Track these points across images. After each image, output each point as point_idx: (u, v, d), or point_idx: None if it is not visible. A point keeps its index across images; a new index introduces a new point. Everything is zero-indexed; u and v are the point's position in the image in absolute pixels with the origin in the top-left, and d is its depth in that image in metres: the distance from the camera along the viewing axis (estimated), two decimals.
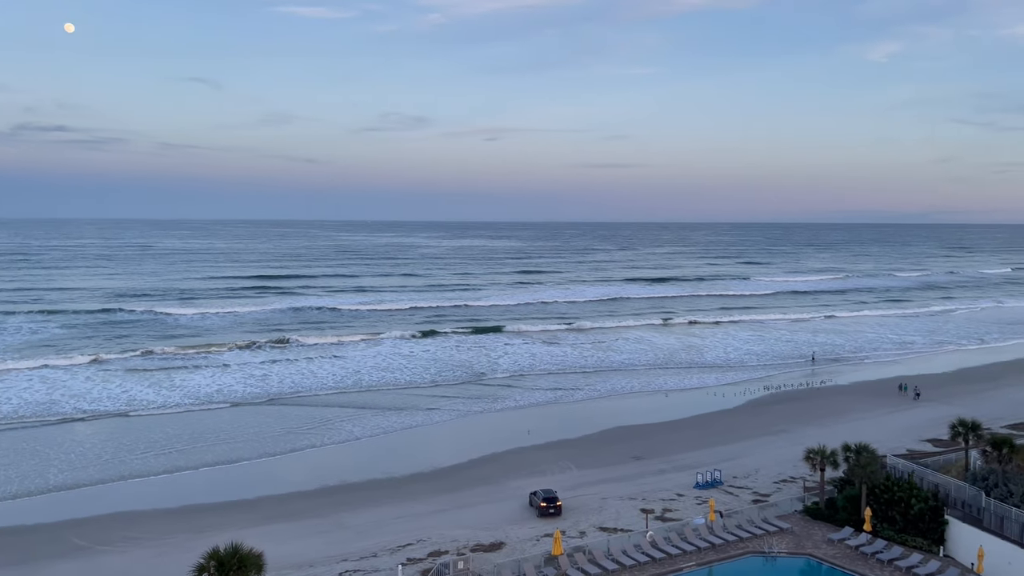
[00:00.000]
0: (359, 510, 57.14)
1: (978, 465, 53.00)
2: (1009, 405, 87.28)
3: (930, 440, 72.83)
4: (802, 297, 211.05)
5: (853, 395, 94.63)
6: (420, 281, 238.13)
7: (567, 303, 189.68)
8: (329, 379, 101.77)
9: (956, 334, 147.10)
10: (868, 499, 50.79)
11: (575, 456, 70.10)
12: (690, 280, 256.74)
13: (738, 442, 74.35)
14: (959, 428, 54.78)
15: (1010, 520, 44.68)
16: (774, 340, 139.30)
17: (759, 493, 59.96)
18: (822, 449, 53.51)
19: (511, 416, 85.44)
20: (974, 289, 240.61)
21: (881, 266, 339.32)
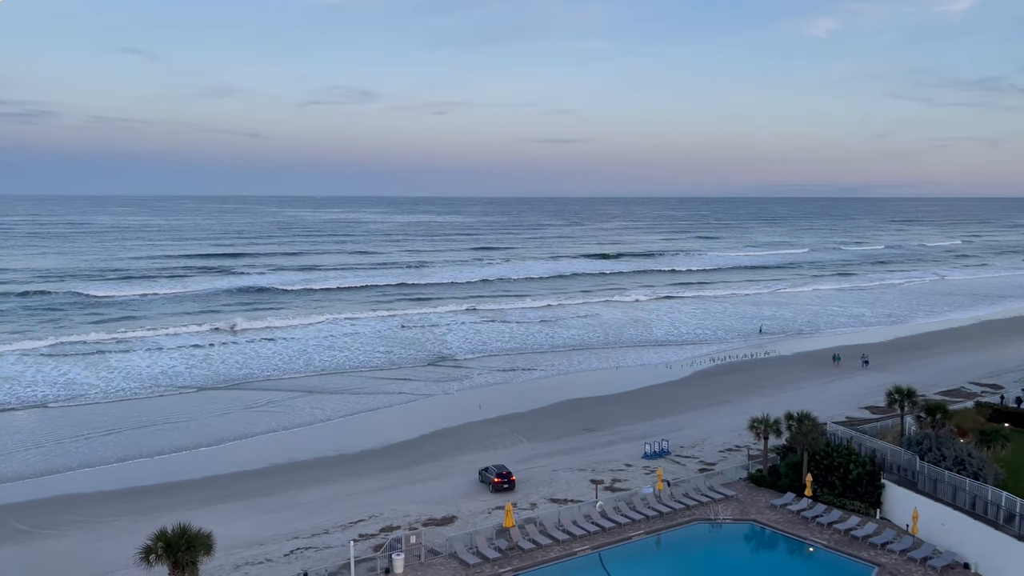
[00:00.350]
0: (309, 488, 56.92)
1: (913, 431, 55.22)
2: (943, 373, 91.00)
3: (868, 407, 75.58)
4: (749, 272, 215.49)
5: (796, 365, 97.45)
6: (368, 259, 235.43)
7: (518, 280, 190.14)
8: (275, 360, 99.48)
9: (897, 306, 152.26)
10: (809, 465, 52.59)
11: (526, 430, 70.89)
12: (638, 255, 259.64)
13: (685, 413, 76.07)
14: (895, 395, 56.93)
15: (943, 483, 46.74)
16: (721, 314, 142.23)
17: (705, 462, 61.56)
18: (766, 418, 55.15)
19: (462, 393, 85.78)
20: (916, 262, 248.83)
21: (825, 240, 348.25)
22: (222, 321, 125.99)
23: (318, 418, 74.96)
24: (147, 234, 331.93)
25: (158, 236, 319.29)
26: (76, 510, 53.05)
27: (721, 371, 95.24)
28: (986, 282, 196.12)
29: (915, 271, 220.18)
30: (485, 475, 57.32)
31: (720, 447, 65.39)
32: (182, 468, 61.63)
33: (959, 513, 44.39)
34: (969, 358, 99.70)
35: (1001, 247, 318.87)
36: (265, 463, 62.74)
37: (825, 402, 76.46)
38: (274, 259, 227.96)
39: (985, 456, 46.83)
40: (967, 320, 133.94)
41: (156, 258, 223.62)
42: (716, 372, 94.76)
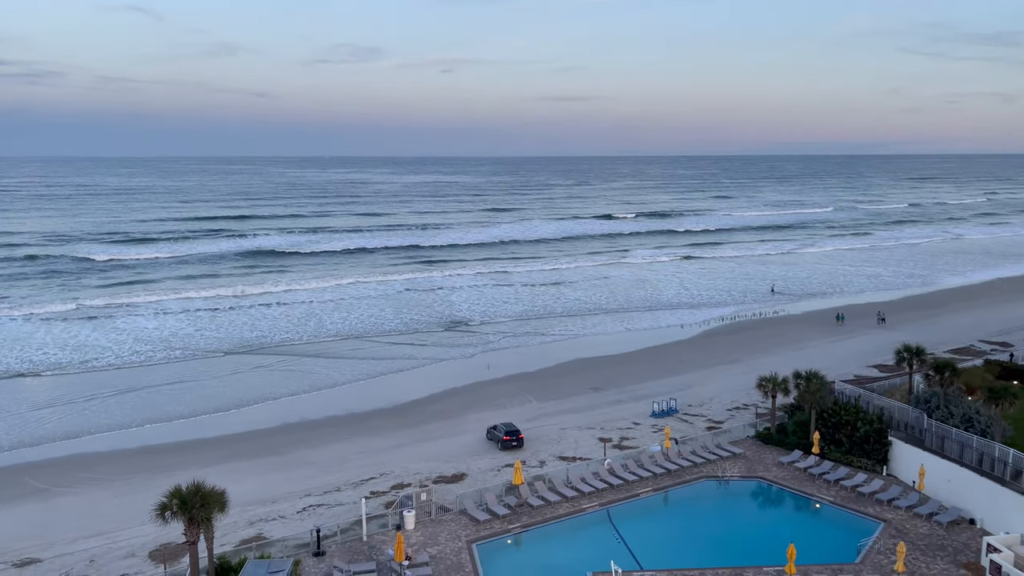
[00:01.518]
0: (320, 447, 57.81)
1: (921, 389, 55.50)
2: (953, 331, 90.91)
3: (876, 366, 75.76)
4: (760, 232, 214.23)
5: (806, 324, 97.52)
6: (375, 220, 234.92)
7: (527, 241, 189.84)
8: (284, 323, 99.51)
9: (911, 265, 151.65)
10: (817, 423, 53.02)
11: (534, 389, 71.52)
12: (648, 215, 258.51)
13: (693, 371, 76.50)
14: (904, 353, 57.10)
15: (950, 440, 47.11)
16: (732, 274, 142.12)
17: (713, 420, 62.12)
18: (774, 377, 55.44)
19: (472, 354, 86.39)
20: (932, 221, 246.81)
21: (838, 198, 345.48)
22: (229, 284, 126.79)
23: (327, 382, 75.32)
24: (153, 196, 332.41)
25: (164, 198, 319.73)
26: (91, 468, 54.11)
27: (730, 330, 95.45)
28: (1003, 240, 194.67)
29: (931, 229, 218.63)
30: (494, 433, 58.04)
31: (728, 405, 65.89)
32: (195, 428, 62.59)
33: (965, 470, 44.80)
34: (980, 316, 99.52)
35: (1021, 205, 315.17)
36: (277, 422, 63.63)
37: (834, 360, 76.66)
38: (281, 221, 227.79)
39: (993, 413, 47.10)
40: (982, 279, 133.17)
41: (162, 220, 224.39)
42: (725, 331, 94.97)
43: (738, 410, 64.49)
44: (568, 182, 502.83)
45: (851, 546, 40.88)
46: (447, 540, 41.74)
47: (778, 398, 56.47)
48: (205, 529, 34.56)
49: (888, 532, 42.07)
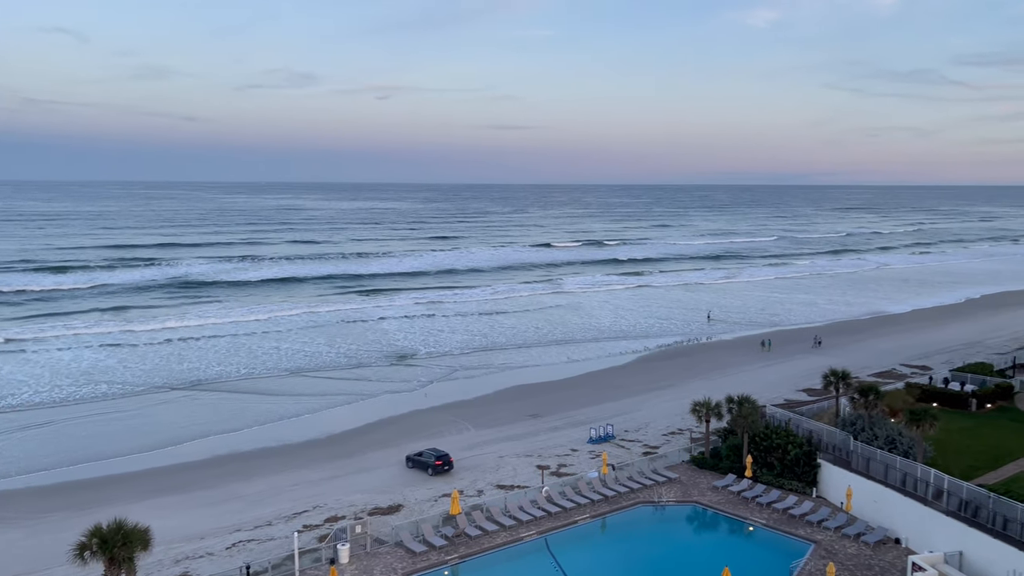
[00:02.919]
0: (252, 479, 56.31)
1: (847, 412, 57.36)
2: (875, 355, 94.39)
3: (805, 390, 78.02)
4: (694, 260, 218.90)
5: (738, 350, 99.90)
6: (309, 249, 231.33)
7: (463, 270, 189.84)
8: (211, 355, 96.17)
9: (837, 292, 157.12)
10: (749, 447, 54.22)
11: (472, 417, 71.27)
12: (585, 244, 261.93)
13: (630, 397, 77.44)
14: (831, 377, 59.00)
15: (875, 461, 48.76)
16: (669, 301, 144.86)
17: (649, 445, 62.89)
18: (707, 401, 56.57)
19: (408, 381, 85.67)
20: (857, 250, 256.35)
21: (768, 227, 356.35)
22: (153, 315, 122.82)
23: (259, 417, 72.67)
24: (73, 222, 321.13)
25: (85, 224, 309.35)
26: (5, 507, 51.48)
27: (666, 356, 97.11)
28: (928, 269, 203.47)
29: (861, 258, 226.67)
30: (419, 460, 57.55)
31: (664, 430, 66.83)
32: (117, 464, 60.22)
33: (890, 490, 46.38)
34: (901, 341, 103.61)
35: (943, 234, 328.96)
36: (206, 455, 61.79)
37: (765, 385, 78.65)
38: (209, 249, 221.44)
39: (915, 435, 48.94)
40: (906, 306, 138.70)
41: (82, 248, 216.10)
42: (660, 357, 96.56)
43: (673, 435, 65.46)
44: (506, 209, 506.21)
45: (783, 568, 41.81)
46: (382, 573, 41.06)
47: (712, 422, 57.60)
48: (127, 569, 33.21)
49: (818, 553, 43.14)
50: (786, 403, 69.99)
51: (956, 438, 54.84)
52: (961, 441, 54.49)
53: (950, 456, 50.82)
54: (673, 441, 63.60)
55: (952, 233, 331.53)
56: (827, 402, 63.63)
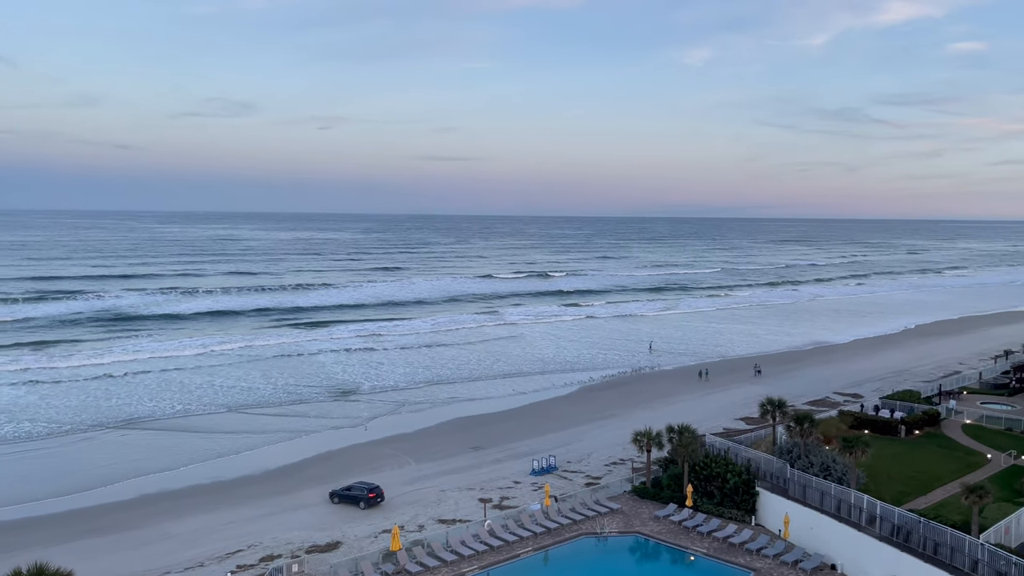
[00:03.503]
0: (184, 518, 54.45)
1: (784, 439, 58.60)
2: (810, 383, 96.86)
3: (743, 418, 79.52)
4: (636, 292, 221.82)
5: (678, 379, 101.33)
6: (246, 280, 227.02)
7: (404, 301, 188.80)
8: (142, 392, 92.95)
9: (773, 323, 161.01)
10: (690, 476, 54.85)
11: (414, 450, 70.45)
12: (527, 275, 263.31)
13: (572, 428, 77.67)
14: (767, 406, 60.33)
15: (811, 488, 49.85)
16: (611, 332, 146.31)
17: (591, 476, 63.06)
18: (648, 431, 57.15)
19: (347, 415, 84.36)
20: (791, 281, 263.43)
21: (706, 259, 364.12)
22: (79, 349, 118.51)
23: (191, 456, 70.76)
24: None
25: (6, 255, 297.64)
26: None
27: (608, 386, 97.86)
28: (862, 300, 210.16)
29: (797, 289, 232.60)
30: (346, 495, 56.67)
31: (606, 461, 67.13)
32: (42, 504, 57.58)
33: (826, 517, 47.42)
34: (835, 369, 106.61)
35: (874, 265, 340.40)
36: (135, 494, 59.57)
37: (705, 414, 79.91)
38: (141, 280, 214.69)
39: (848, 461, 50.25)
40: (843, 337, 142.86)
41: (2, 280, 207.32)
42: (603, 387, 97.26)
43: (615, 465, 65.80)
44: (448, 240, 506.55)
45: None
46: None
47: (653, 452, 58.13)
48: None
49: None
50: (725, 432, 71.14)
51: (887, 464, 56.49)
52: (892, 467, 56.14)
53: (882, 482, 52.28)
54: (615, 471, 63.91)
55: (882, 265, 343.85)
56: (764, 430, 64.89)
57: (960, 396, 78.92)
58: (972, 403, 75.14)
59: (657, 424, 59.51)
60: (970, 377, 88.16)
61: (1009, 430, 66.54)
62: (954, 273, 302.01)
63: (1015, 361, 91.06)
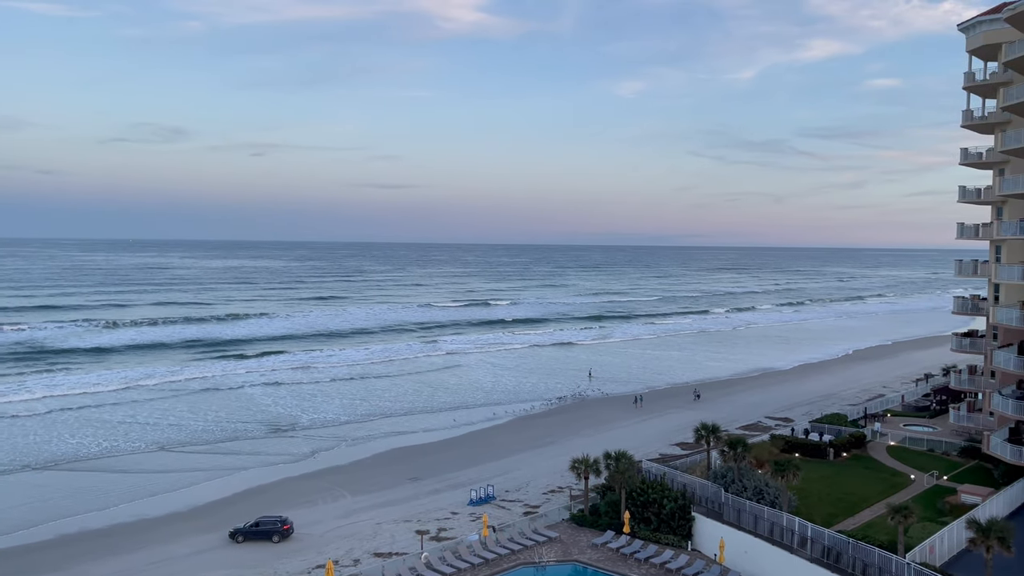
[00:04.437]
0: (105, 559, 52.20)
1: (718, 464, 59.64)
2: (744, 408, 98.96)
3: (679, 444, 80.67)
4: (577, 321, 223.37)
5: (615, 406, 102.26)
6: (175, 311, 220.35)
7: (341, 331, 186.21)
8: (61, 430, 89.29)
9: (706, 348, 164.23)
10: (627, 502, 55.23)
11: (348, 483, 69.22)
12: (467, 304, 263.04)
13: (510, 456, 77.52)
14: (702, 431, 61.38)
15: (745, 512, 50.76)
16: (550, 360, 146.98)
17: (530, 505, 62.94)
18: (586, 458, 57.42)
19: (277, 448, 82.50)
20: (727, 308, 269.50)
21: (642, 286, 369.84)
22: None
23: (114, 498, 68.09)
24: None
25: None
26: None
27: (546, 414, 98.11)
28: (796, 326, 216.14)
29: (731, 315, 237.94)
30: (255, 531, 55.13)
31: (544, 489, 67.12)
32: None
33: (759, 540, 48.30)
34: (766, 395, 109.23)
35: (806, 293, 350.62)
36: (51, 535, 56.91)
37: (641, 440, 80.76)
38: (57, 312, 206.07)
39: (780, 485, 51.41)
40: (781, 364, 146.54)
41: None
42: (541, 415, 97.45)
43: (554, 493, 65.84)
44: (384, 268, 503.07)
45: None
46: None
47: (591, 479, 58.40)
48: None
49: None
50: (661, 457, 72.01)
51: (817, 486, 58.00)
52: (822, 489, 57.66)
53: (812, 504, 53.62)
54: (553, 499, 63.95)
55: (813, 292, 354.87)
56: (699, 455, 65.92)
57: (884, 419, 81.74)
58: (896, 425, 77.94)
59: (595, 451, 59.89)
60: (893, 400, 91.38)
61: (931, 451, 69.16)
62: (880, 300, 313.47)
63: (935, 384, 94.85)
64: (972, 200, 72.43)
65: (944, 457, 66.82)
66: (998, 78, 66.60)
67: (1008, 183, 59.73)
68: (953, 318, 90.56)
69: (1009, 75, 64.52)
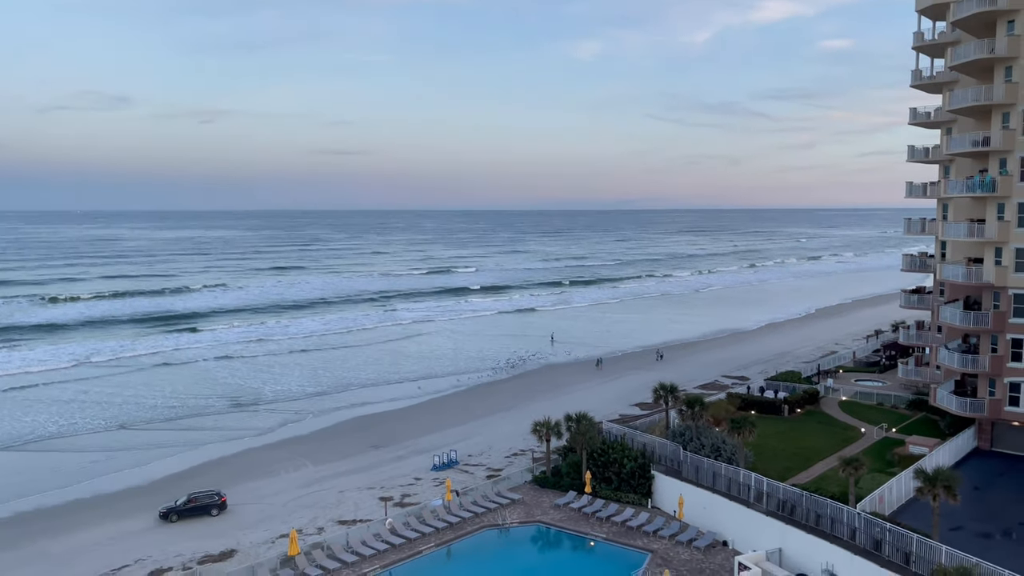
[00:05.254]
0: (63, 536, 51.65)
1: (676, 423, 60.86)
2: (701, 367, 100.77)
3: (638, 404, 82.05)
4: (540, 287, 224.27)
5: (578, 370, 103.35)
6: (125, 284, 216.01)
7: (298, 301, 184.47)
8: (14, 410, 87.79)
9: (671, 310, 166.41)
10: (588, 463, 56.20)
11: (310, 452, 69.18)
12: (427, 272, 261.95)
13: (473, 421, 78.15)
14: (660, 391, 62.42)
15: (703, 469, 51.95)
16: (509, 326, 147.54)
17: (492, 468, 63.66)
18: (547, 421, 58.12)
19: (239, 420, 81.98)
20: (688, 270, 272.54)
21: (600, 250, 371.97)
22: None
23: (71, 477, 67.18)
24: None
25: None
26: None
27: (507, 380, 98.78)
28: (753, 286, 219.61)
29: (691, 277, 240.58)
30: (189, 509, 54.11)
31: (506, 452, 67.88)
32: None
33: (717, 496, 49.59)
34: (723, 354, 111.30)
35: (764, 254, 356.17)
36: (8, 512, 56.08)
37: (602, 402, 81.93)
38: (3, 288, 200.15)
39: (736, 442, 52.70)
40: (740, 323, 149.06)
41: None
42: (502, 381, 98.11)
43: (516, 456, 66.64)
44: (342, 236, 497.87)
45: None
46: None
47: (552, 441, 59.21)
48: None
49: (655, 562, 45.33)
50: (621, 418, 73.16)
51: (772, 442, 59.58)
52: (777, 445, 59.26)
53: (768, 459, 55.13)
54: (516, 462, 64.74)
55: (769, 252, 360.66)
56: (658, 415, 67.16)
57: (837, 375, 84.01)
58: (847, 381, 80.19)
59: (557, 414, 60.62)
60: (845, 356, 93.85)
61: (880, 404, 71.40)
62: (836, 260, 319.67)
63: (885, 340, 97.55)
64: (920, 159, 73.97)
65: (893, 410, 69.04)
66: (946, 38, 67.70)
67: (955, 142, 61.04)
68: (903, 275, 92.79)
69: (957, 34, 65.60)
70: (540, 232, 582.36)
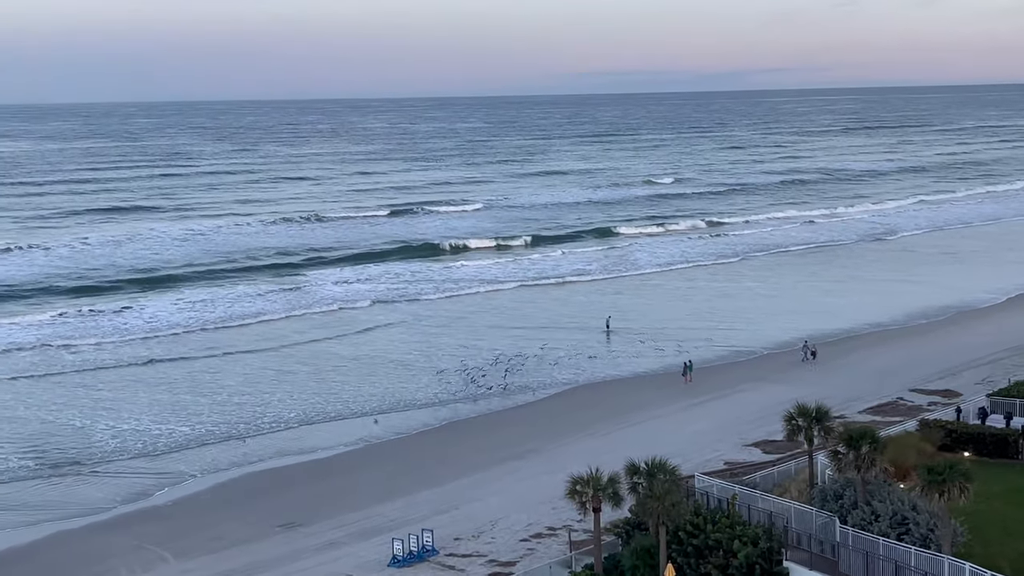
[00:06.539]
0: None
1: (828, 476, 60.63)
2: (871, 375, 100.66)
3: (759, 444, 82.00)
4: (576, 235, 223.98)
5: (646, 381, 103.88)
6: None
7: (141, 270, 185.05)
8: None
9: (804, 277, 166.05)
10: (670, 549, 56.14)
11: (169, 536, 69.46)
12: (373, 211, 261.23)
13: (462, 477, 78.50)
14: (797, 420, 62.02)
15: (877, 557, 51.77)
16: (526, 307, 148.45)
17: (499, 562, 63.69)
18: (595, 476, 57.86)
19: (46, 487, 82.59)
20: (847, 201, 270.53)
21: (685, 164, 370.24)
22: None
23: None
24: None
25: None
26: None
27: (522, 404, 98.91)
28: (969, 230, 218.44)
29: (845, 218, 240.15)
30: None
31: (522, 532, 67.88)
32: None
33: None
34: (910, 351, 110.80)
35: (975, 168, 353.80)
36: None
37: (691, 439, 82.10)
38: None
39: (938, 508, 52.30)
40: (928, 300, 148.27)
41: None
42: (513, 407, 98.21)
43: (539, 538, 66.69)
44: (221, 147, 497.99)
45: None
46: None
47: (605, 512, 59.10)
48: None
49: None
50: (727, 467, 73.22)
51: (1003, 508, 59.26)
52: (1011, 513, 58.95)
53: (994, 537, 54.84)
54: (540, 550, 64.79)
55: (984, 165, 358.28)
56: (794, 462, 67.06)
57: None
58: None
59: (612, 462, 60.44)
60: None
61: None
62: None
63: None
64: None
65: None
66: None
67: None
68: None
69: None
70: (578, 135, 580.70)
